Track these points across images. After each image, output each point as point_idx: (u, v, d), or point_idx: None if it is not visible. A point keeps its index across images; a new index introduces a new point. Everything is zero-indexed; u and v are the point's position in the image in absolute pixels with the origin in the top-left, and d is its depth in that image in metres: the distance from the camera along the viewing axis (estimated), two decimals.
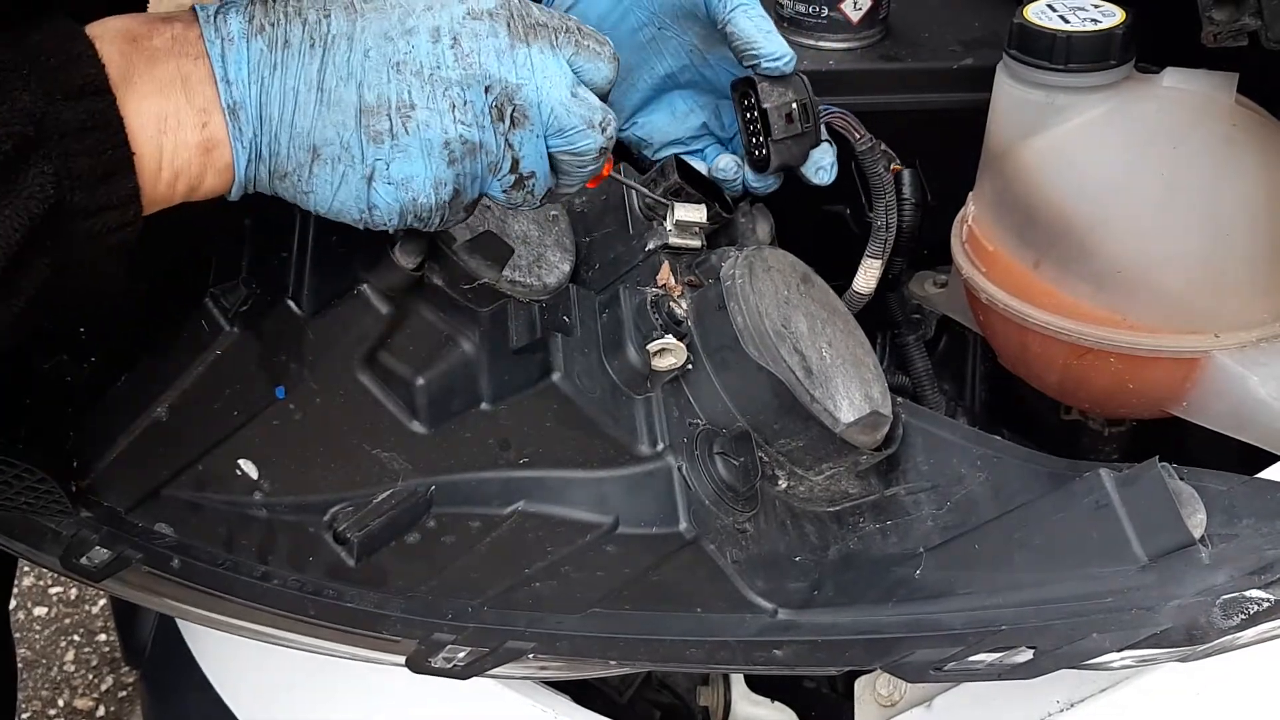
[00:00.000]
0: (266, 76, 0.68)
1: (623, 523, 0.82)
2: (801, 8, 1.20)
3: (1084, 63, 0.93)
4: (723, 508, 0.84)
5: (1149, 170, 0.94)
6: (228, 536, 0.86)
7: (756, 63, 0.99)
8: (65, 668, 2.25)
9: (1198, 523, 0.79)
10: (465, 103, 0.70)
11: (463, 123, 0.71)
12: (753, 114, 1.02)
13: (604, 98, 0.76)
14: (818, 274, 1.02)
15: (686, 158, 1.06)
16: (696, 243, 0.98)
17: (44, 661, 2.26)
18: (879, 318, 1.16)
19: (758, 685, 1.13)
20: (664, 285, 0.92)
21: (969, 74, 1.15)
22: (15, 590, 2.29)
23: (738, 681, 1.13)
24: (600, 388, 0.83)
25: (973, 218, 1.05)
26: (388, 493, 0.85)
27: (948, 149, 1.06)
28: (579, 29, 0.75)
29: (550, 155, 0.75)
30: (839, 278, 1.06)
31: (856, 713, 1.01)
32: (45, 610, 2.34)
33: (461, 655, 0.88)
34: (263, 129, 0.69)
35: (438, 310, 0.83)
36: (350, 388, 0.81)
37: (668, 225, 0.97)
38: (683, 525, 0.81)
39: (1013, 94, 0.97)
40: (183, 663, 1.16)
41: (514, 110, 0.72)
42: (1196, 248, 0.93)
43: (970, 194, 1.06)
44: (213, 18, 0.69)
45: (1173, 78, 0.95)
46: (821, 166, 1.04)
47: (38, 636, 2.30)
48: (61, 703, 2.19)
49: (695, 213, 0.97)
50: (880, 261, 1.07)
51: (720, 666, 0.98)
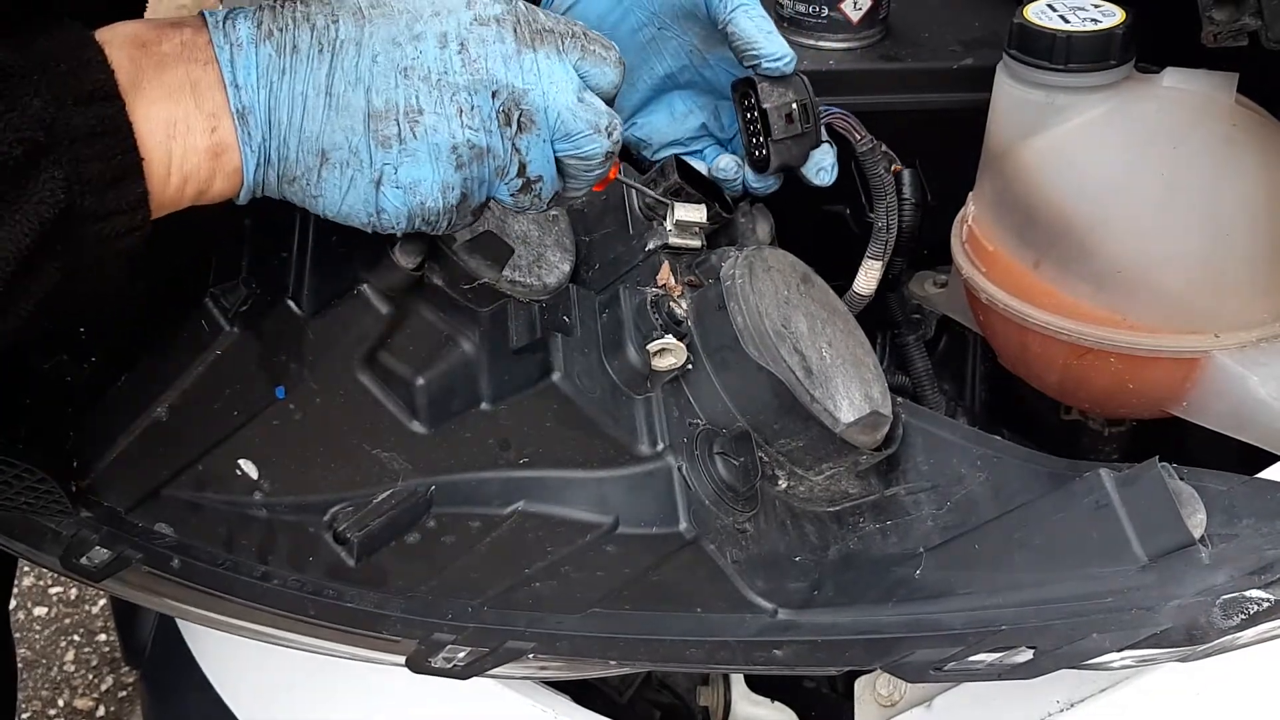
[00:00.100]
0: (275, 81, 0.68)
1: (623, 523, 0.82)
2: (801, 8, 1.20)
3: (1084, 63, 0.93)
4: (723, 508, 0.84)
5: (1149, 170, 0.94)
6: (228, 536, 0.86)
7: (757, 63, 0.99)
8: (65, 668, 2.25)
9: (1198, 523, 0.79)
10: (473, 108, 0.71)
11: (470, 127, 0.71)
12: (753, 114, 1.02)
13: (609, 102, 0.76)
14: (818, 274, 1.02)
15: (686, 158, 1.06)
16: (696, 243, 0.98)
17: (44, 661, 2.26)
18: (879, 318, 1.16)
19: (758, 685, 1.13)
20: (664, 285, 0.92)
21: (969, 74, 1.15)
22: (15, 590, 2.29)
23: (738, 681, 1.12)
24: (600, 388, 0.83)
25: (973, 218, 1.05)
26: (388, 493, 0.85)
27: (948, 149, 1.06)
28: (585, 34, 0.75)
29: (557, 159, 0.75)
30: (839, 278, 1.06)
31: (856, 713, 1.01)
32: (45, 610, 2.34)
33: (461, 655, 0.88)
34: (271, 133, 0.69)
35: (438, 310, 0.83)
36: (350, 388, 0.81)
37: (668, 225, 0.97)
38: (683, 525, 0.81)
39: (1013, 94, 0.97)
40: (183, 663, 1.16)
41: (521, 115, 0.72)
42: (1196, 248, 0.93)
43: (970, 194, 1.06)
44: (221, 23, 0.69)
45: (1173, 78, 0.95)
46: (822, 167, 1.04)
47: (38, 636, 2.30)
48: (61, 703, 2.19)
49: (695, 213, 0.97)
50: (881, 263, 1.07)
51: (720, 666, 0.98)
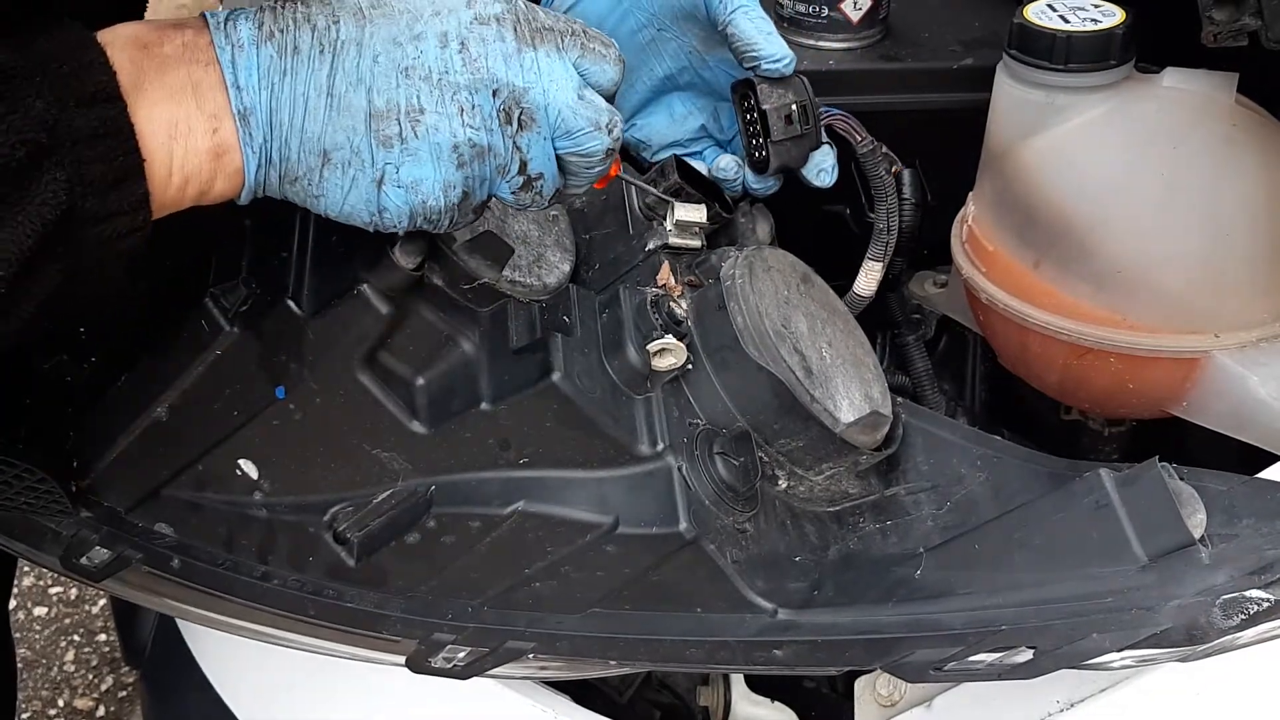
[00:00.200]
0: (277, 82, 0.69)
1: (623, 523, 0.82)
2: (801, 8, 1.20)
3: (1084, 63, 0.93)
4: (723, 508, 0.84)
5: (1149, 170, 0.94)
6: (228, 536, 0.86)
7: (756, 64, 0.99)
8: (65, 668, 2.25)
9: (1198, 523, 0.79)
10: (473, 106, 0.71)
11: (471, 126, 0.71)
12: (752, 115, 1.02)
13: (609, 99, 0.76)
14: (818, 274, 1.02)
15: (686, 159, 1.06)
16: (696, 243, 0.98)
17: (44, 661, 2.26)
18: (879, 318, 1.16)
19: (758, 685, 1.13)
20: (664, 285, 0.92)
21: (969, 74, 1.15)
22: (15, 590, 2.29)
23: (738, 681, 1.12)
24: (600, 388, 0.83)
25: (973, 218, 1.05)
26: (388, 493, 0.85)
27: (948, 149, 1.06)
28: (584, 32, 0.75)
29: (558, 157, 0.75)
30: (839, 278, 1.06)
31: (856, 713, 1.01)
32: (45, 610, 2.34)
33: (461, 655, 0.88)
34: (273, 134, 0.69)
35: (438, 310, 0.83)
36: (350, 388, 0.81)
37: (668, 225, 0.97)
38: (683, 525, 0.81)
39: (1013, 94, 0.97)
40: (183, 663, 1.16)
41: (521, 113, 0.72)
42: (1196, 248, 0.93)
43: (970, 194, 1.06)
44: (223, 24, 0.69)
45: (1173, 78, 0.95)
46: (823, 169, 1.04)
47: (38, 636, 2.30)
48: (61, 703, 2.19)
49: (695, 213, 0.97)
50: (882, 264, 1.07)
51: (720, 666, 0.98)
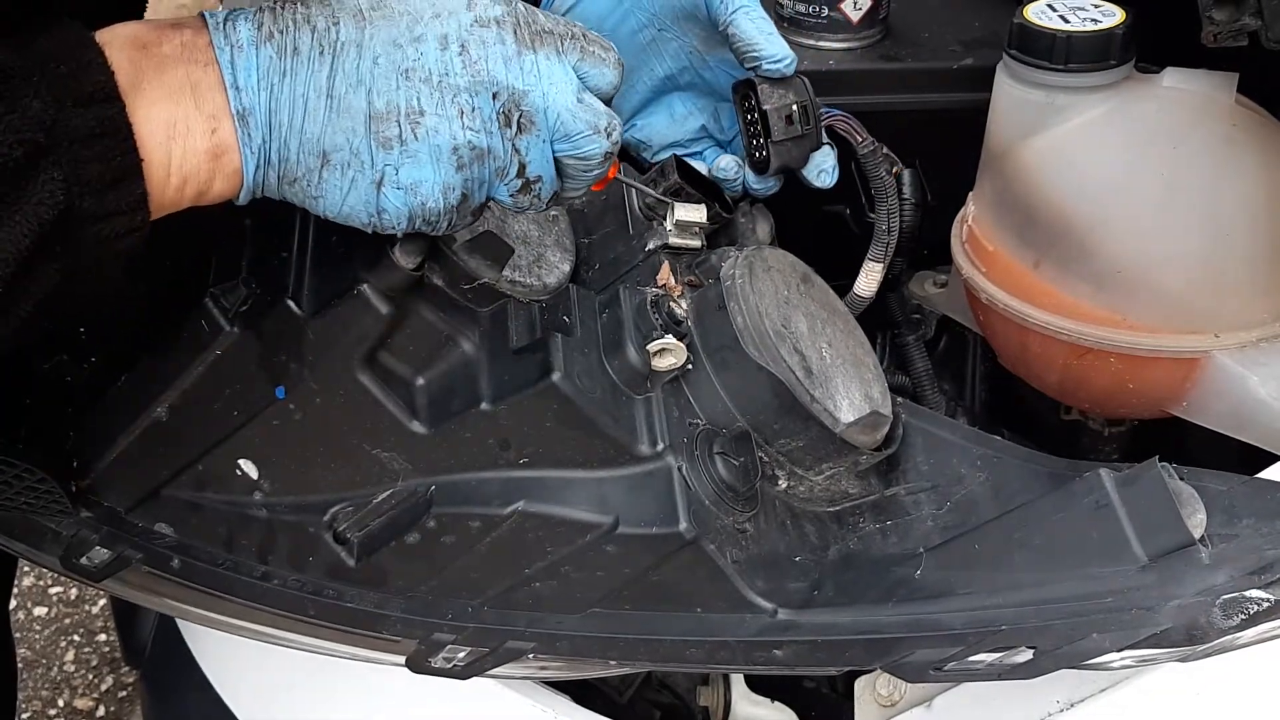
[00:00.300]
0: (276, 83, 0.68)
1: (623, 523, 0.82)
2: (801, 8, 1.20)
3: (1084, 63, 0.93)
4: (723, 508, 0.84)
5: (1149, 170, 0.94)
6: (228, 536, 0.86)
7: (757, 65, 0.99)
8: (65, 668, 2.25)
9: (1198, 523, 0.79)
10: (473, 109, 0.71)
11: (471, 129, 0.71)
12: (753, 116, 1.02)
13: (608, 102, 0.76)
14: (818, 274, 1.02)
15: (686, 159, 1.06)
16: (696, 243, 0.98)
17: (44, 661, 2.26)
18: (879, 318, 1.16)
19: (758, 685, 1.13)
20: (664, 285, 0.92)
21: (969, 74, 1.15)
22: (15, 590, 2.29)
23: (738, 681, 1.12)
24: (600, 388, 0.83)
25: (973, 218, 1.05)
26: (388, 493, 0.85)
27: (948, 149, 1.06)
28: (584, 35, 0.75)
29: (556, 160, 0.75)
30: (839, 278, 1.05)
31: (856, 713, 1.01)
32: (45, 610, 2.34)
33: (461, 655, 0.88)
34: (272, 135, 0.69)
35: (438, 310, 0.83)
36: (350, 388, 0.81)
37: (668, 225, 0.97)
38: (683, 525, 0.81)
39: (1013, 94, 0.97)
40: (183, 663, 1.16)
41: (521, 116, 0.72)
42: (1196, 248, 0.93)
43: (970, 194, 1.06)
44: (222, 25, 0.69)
45: (1173, 78, 0.95)
46: (823, 169, 1.04)
47: (38, 636, 2.30)
48: (61, 703, 2.19)
49: (695, 213, 0.97)
50: (882, 265, 1.07)
51: (720, 666, 0.98)
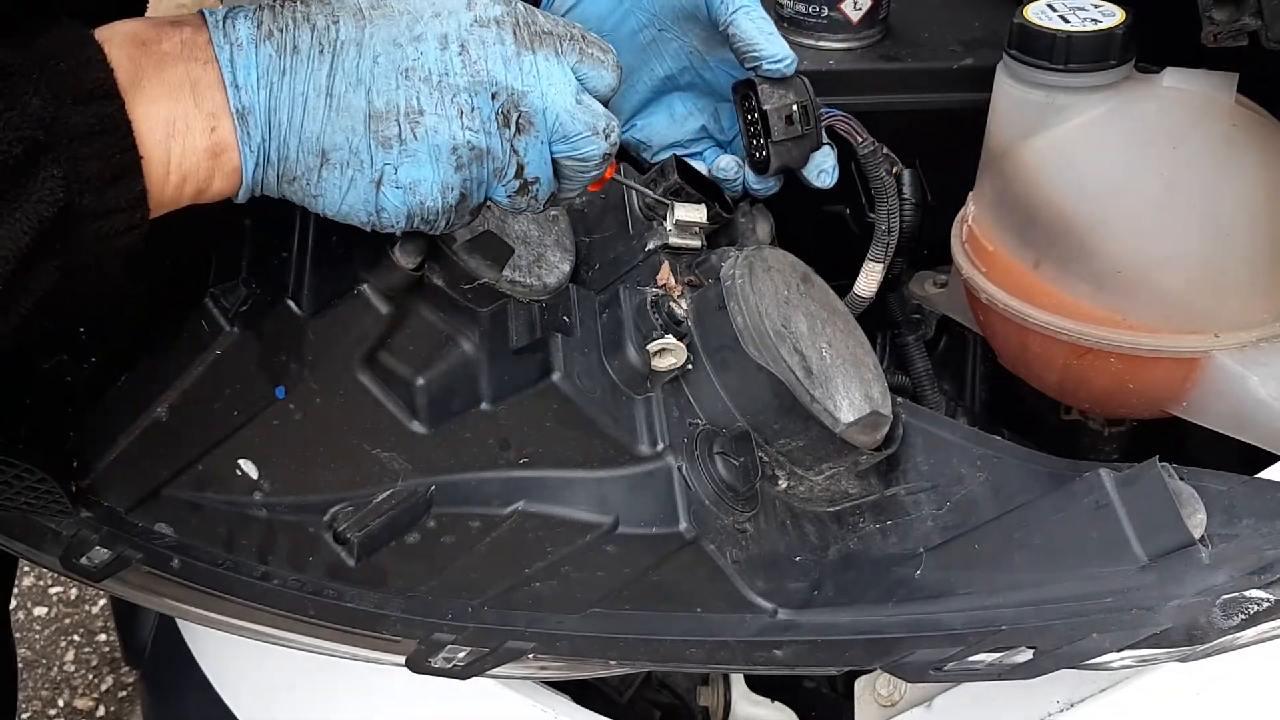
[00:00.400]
0: (275, 82, 0.68)
1: (623, 523, 0.82)
2: (801, 8, 1.20)
3: (1084, 63, 0.93)
4: (723, 508, 0.84)
5: (1149, 170, 0.94)
6: (228, 536, 0.86)
7: (758, 65, 0.99)
8: (65, 668, 2.25)
9: (1198, 523, 0.79)
10: (473, 109, 0.71)
11: (470, 129, 0.71)
12: (753, 116, 1.02)
13: (606, 104, 0.76)
14: (818, 274, 1.01)
15: (686, 159, 1.06)
16: (696, 243, 0.98)
17: (44, 661, 2.26)
18: (879, 318, 1.16)
19: (758, 685, 1.13)
20: (664, 285, 0.92)
21: (969, 74, 1.15)
22: (15, 590, 2.28)
23: (738, 681, 1.12)
24: (600, 388, 0.83)
25: (973, 218, 1.05)
26: (388, 493, 0.85)
27: (948, 149, 1.06)
28: (583, 36, 0.75)
29: (554, 160, 0.75)
30: (839, 278, 1.05)
31: (856, 713, 1.01)
32: (45, 610, 2.34)
33: (461, 655, 0.88)
34: (271, 134, 0.69)
35: (438, 310, 0.83)
36: (350, 388, 0.81)
37: (668, 225, 0.97)
38: (683, 525, 0.81)
39: (1013, 94, 0.97)
40: (183, 663, 1.16)
41: (520, 116, 0.72)
42: (1196, 248, 0.93)
43: (970, 194, 1.06)
44: (221, 23, 0.69)
45: (1173, 78, 0.95)
46: (823, 169, 1.04)
47: (38, 636, 2.30)
48: (61, 703, 2.19)
49: (695, 213, 0.97)
50: (882, 265, 1.07)
51: (720, 666, 0.98)
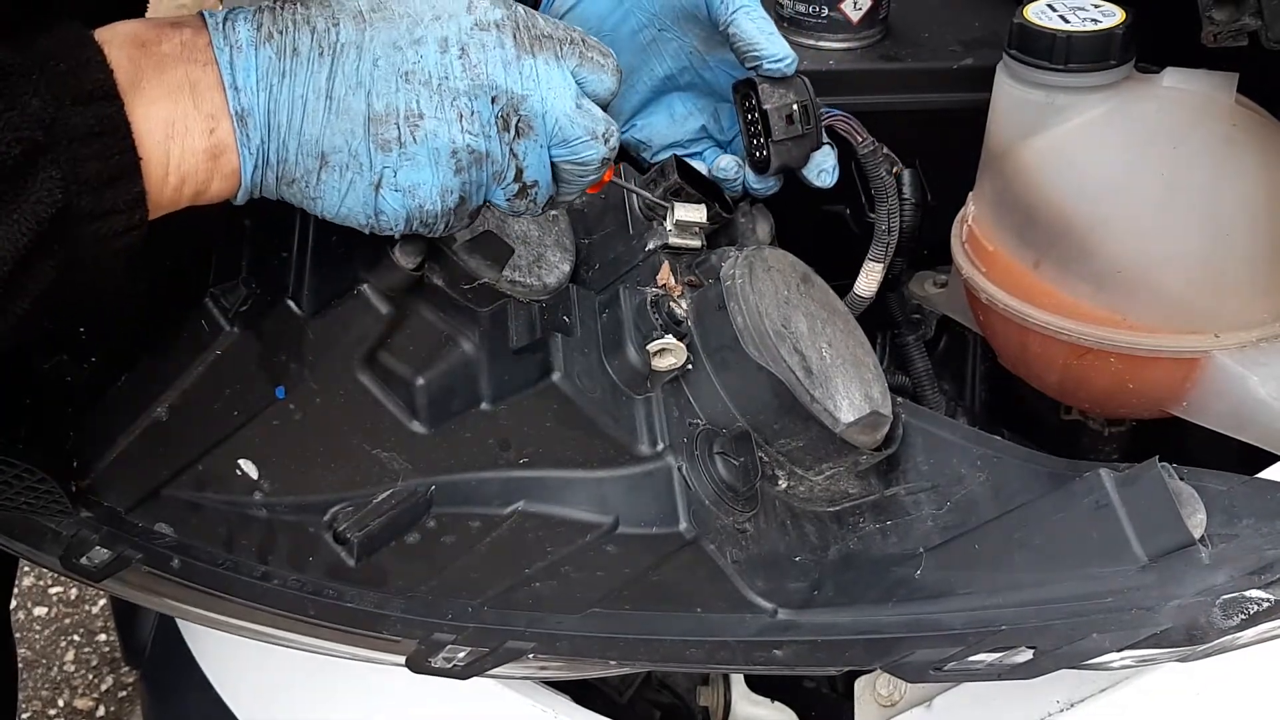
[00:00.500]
0: (275, 84, 0.68)
1: (623, 523, 0.82)
2: (801, 8, 1.20)
3: (1084, 63, 0.93)
4: (723, 508, 0.84)
5: (1149, 170, 0.94)
6: (228, 536, 0.86)
7: (758, 64, 0.99)
8: (65, 668, 2.25)
9: (1198, 523, 0.79)
10: (473, 113, 0.71)
11: (470, 132, 0.71)
12: (753, 115, 1.02)
13: (606, 108, 0.76)
14: (818, 274, 1.02)
15: (686, 159, 1.06)
16: (696, 243, 0.98)
17: (44, 661, 2.26)
18: (879, 318, 1.16)
19: (758, 685, 1.13)
20: (664, 285, 0.92)
21: (969, 74, 1.15)
22: (15, 590, 2.28)
23: (738, 681, 1.12)
24: (600, 388, 0.83)
25: (973, 218, 1.05)
26: (388, 493, 0.85)
27: (948, 149, 1.06)
28: (583, 40, 0.75)
29: (553, 164, 0.75)
30: (839, 278, 1.05)
31: (856, 713, 1.01)
32: (45, 610, 2.34)
33: (461, 655, 0.88)
34: (271, 136, 0.69)
35: (438, 310, 0.83)
36: (350, 388, 0.81)
37: (668, 225, 0.97)
38: (683, 525, 0.81)
39: (1013, 94, 0.97)
40: (183, 663, 1.16)
41: (519, 120, 0.72)
42: (1196, 248, 0.93)
43: (970, 194, 1.06)
44: (221, 25, 0.69)
45: (1173, 78, 0.95)
46: (824, 169, 1.04)
47: (38, 636, 2.30)
48: (61, 703, 2.19)
49: (695, 213, 0.97)
50: (882, 265, 1.07)
51: (720, 666, 0.98)
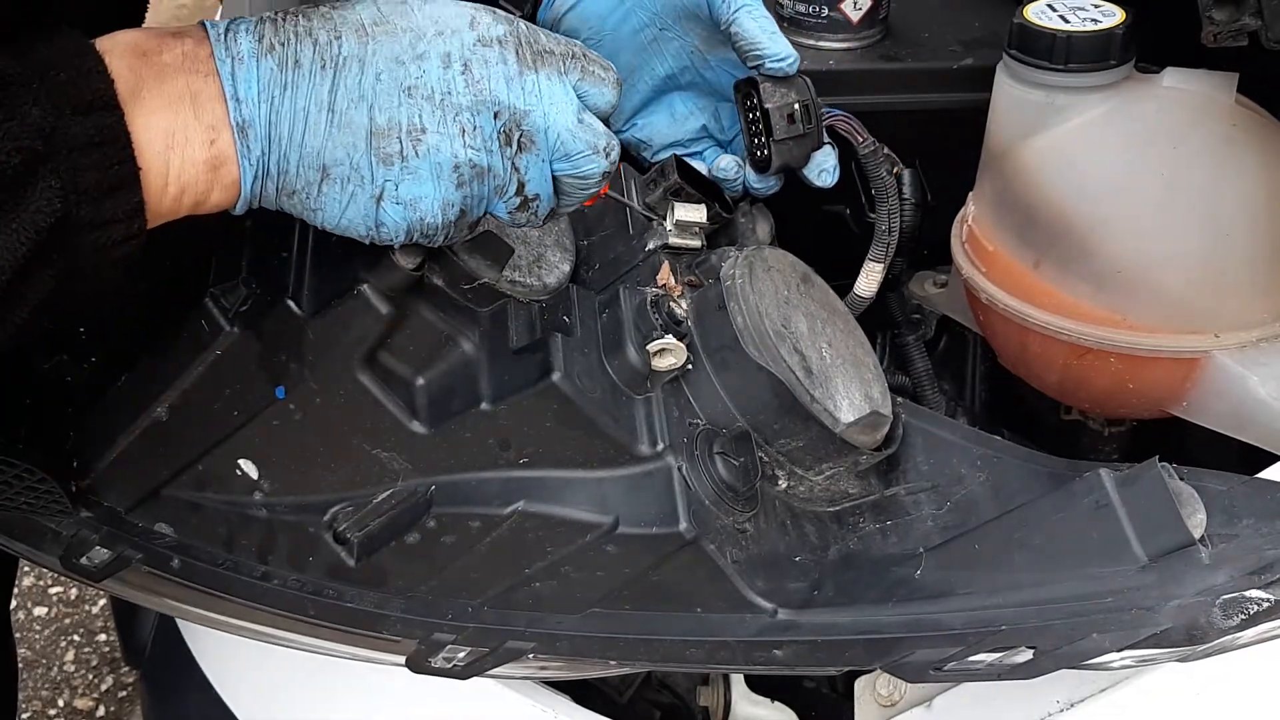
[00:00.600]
0: (277, 96, 0.68)
1: (623, 523, 0.82)
2: (801, 8, 1.20)
3: (1084, 63, 0.93)
4: (723, 508, 0.84)
5: (1149, 170, 0.94)
6: (228, 536, 0.86)
7: (760, 63, 0.99)
8: (65, 668, 2.25)
9: (1198, 523, 0.79)
10: (475, 128, 0.71)
11: (472, 147, 0.71)
12: (755, 114, 1.02)
13: (606, 121, 0.77)
14: (818, 274, 1.02)
15: (686, 159, 1.06)
16: (696, 243, 0.98)
17: (44, 661, 2.26)
18: (879, 318, 1.16)
19: (758, 685, 1.13)
20: (664, 285, 0.92)
21: (969, 74, 1.15)
22: (15, 590, 2.28)
23: (738, 681, 1.12)
24: (600, 388, 0.83)
25: (973, 218, 1.05)
26: (388, 493, 0.85)
27: (948, 149, 1.06)
28: (584, 54, 0.75)
29: (554, 178, 0.76)
30: (839, 278, 1.05)
31: (856, 713, 1.01)
32: (45, 610, 2.34)
33: (461, 655, 0.88)
34: (271, 148, 0.69)
35: (438, 310, 0.83)
36: (350, 388, 0.81)
37: (668, 225, 0.97)
38: (683, 525, 0.81)
39: (1013, 94, 0.97)
40: (183, 663, 1.16)
41: (521, 135, 0.72)
42: (1196, 248, 0.93)
43: (970, 194, 1.06)
44: (223, 35, 0.69)
45: (1173, 78, 0.95)
46: (824, 169, 1.04)
47: (38, 636, 2.30)
48: (61, 703, 2.19)
49: (695, 213, 0.97)
50: (883, 265, 1.07)
51: (720, 666, 0.98)
